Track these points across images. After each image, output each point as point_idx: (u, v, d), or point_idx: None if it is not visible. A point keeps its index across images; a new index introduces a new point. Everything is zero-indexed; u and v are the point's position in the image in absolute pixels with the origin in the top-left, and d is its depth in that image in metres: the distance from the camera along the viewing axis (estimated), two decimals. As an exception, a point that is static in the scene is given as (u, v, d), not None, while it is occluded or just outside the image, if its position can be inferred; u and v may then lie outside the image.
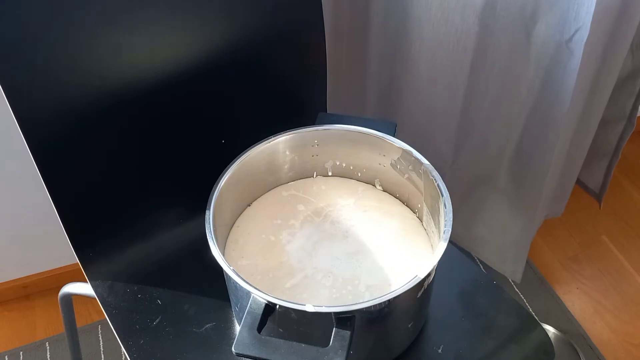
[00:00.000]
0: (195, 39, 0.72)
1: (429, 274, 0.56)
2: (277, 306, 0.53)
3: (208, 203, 0.62)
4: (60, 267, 1.30)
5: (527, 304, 1.31)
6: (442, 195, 0.62)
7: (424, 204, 0.69)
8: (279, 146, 0.70)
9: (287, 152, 0.71)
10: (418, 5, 0.95)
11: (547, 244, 1.44)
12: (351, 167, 0.74)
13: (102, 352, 1.23)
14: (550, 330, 1.23)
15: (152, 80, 0.71)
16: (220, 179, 0.65)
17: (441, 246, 0.57)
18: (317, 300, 0.63)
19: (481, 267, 1.35)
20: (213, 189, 0.64)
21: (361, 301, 0.55)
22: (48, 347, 1.24)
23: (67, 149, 0.68)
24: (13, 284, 1.30)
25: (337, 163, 0.74)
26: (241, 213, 0.72)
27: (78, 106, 0.67)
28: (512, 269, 1.31)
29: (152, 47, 0.70)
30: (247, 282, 0.55)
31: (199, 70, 0.74)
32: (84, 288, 0.76)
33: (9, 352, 1.24)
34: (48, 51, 0.63)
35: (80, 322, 1.02)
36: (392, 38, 1.03)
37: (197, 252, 0.75)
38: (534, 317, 0.73)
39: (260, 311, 0.53)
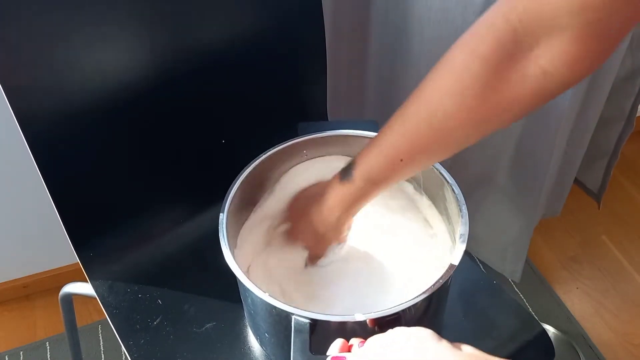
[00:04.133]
0: (195, 38, 0.72)
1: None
2: (320, 321, 0.52)
3: (220, 222, 0.60)
4: (61, 267, 1.30)
5: (527, 304, 1.31)
6: (448, 182, 0.63)
7: (423, 194, 0.69)
8: (272, 159, 0.69)
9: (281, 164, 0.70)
10: (418, 5, 0.95)
11: (547, 244, 1.44)
12: None
13: (102, 352, 1.23)
14: (550, 330, 1.23)
15: (152, 81, 0.71)
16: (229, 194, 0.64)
17: (458, 254, 0.57)
18: (334, 307, 0.62)
19: (481, 267, 1.35)
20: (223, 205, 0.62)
21: (407, 300, 0.53)
22: (48, 347, 1.24)
23: (67, 149, 0.68)
24: (13, 284, 1.30)
25: None
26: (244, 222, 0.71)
27: (78, 106, 0.67)
28: (511, 269, 1.31)
29: (152, 47, 0.70)
30: (286, 304, 0.53)
31: (198, 70, 0.74)
32: (84, 288, 0.76)
33: (9, 352, 1.24)
34: (48, 51, 0.63)
35: (80, 322, 1.02)
36: (392, 38, 1.03)
37: (197, 252, 0.76)
38: (534, 317, 0.73)
39: (307, 331, 0.51)
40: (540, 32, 0.45)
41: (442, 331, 0.67)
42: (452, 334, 0.67)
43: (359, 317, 0.52)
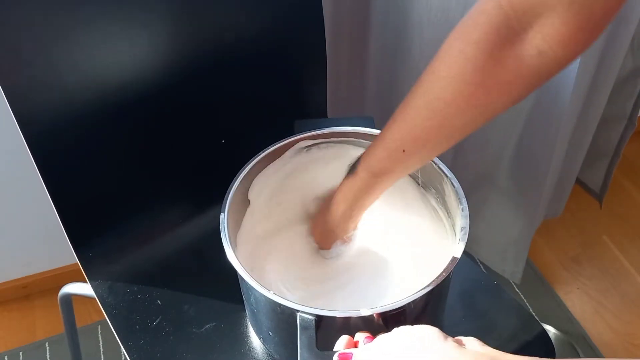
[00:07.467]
0: (196, 39, 0.72)
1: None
2: (325, 317, 0.52)
3: (222, 217, 0.60)
4: (60, 267, 1.30)
5: (527, 304, 1.31)
6: (447, 176, 0.63)
7: (422, 188, 0.69)
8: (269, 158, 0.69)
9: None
10: (418, 6, 0.95)
11: (547, 244, 1.43)
12: None
13: (101, 353, 1.23)
14: (550, 330, 1.23)
15: (152, 81, 0.71)
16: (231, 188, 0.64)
17: (460, 247, 0.57)
18: (338, 303, 0.62)
19: (481, 267, 1.35)
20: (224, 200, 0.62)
21: (411, 294, 0.53)
22: (48, 348, 1.24)
23: (66, 149, 0.68)
24: (13, 284, 1.30)
25: None
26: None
27: (78, 106, 0.67)
28: (512, 270, 1.31)
29: (152, 46, 0.70)
30: (291, 301, 0.53)
31: (198, 70, 0.73)
32: (83, 288, 0.76)
33: (8, 353, 1.24)
34: (48, 51, 0.63)
35: (80, 323, 1.02)
36: (392, 38, 1.03)
37: (197, 252, 0.76)
38: (534, 317, 0.73)
39: (313, 327, 0.51)
40: (531, 14, 0.46)
41: (443, 330, 0.67)
42: (452, 335, 0.67)
43: (365, 312, 0.52)
